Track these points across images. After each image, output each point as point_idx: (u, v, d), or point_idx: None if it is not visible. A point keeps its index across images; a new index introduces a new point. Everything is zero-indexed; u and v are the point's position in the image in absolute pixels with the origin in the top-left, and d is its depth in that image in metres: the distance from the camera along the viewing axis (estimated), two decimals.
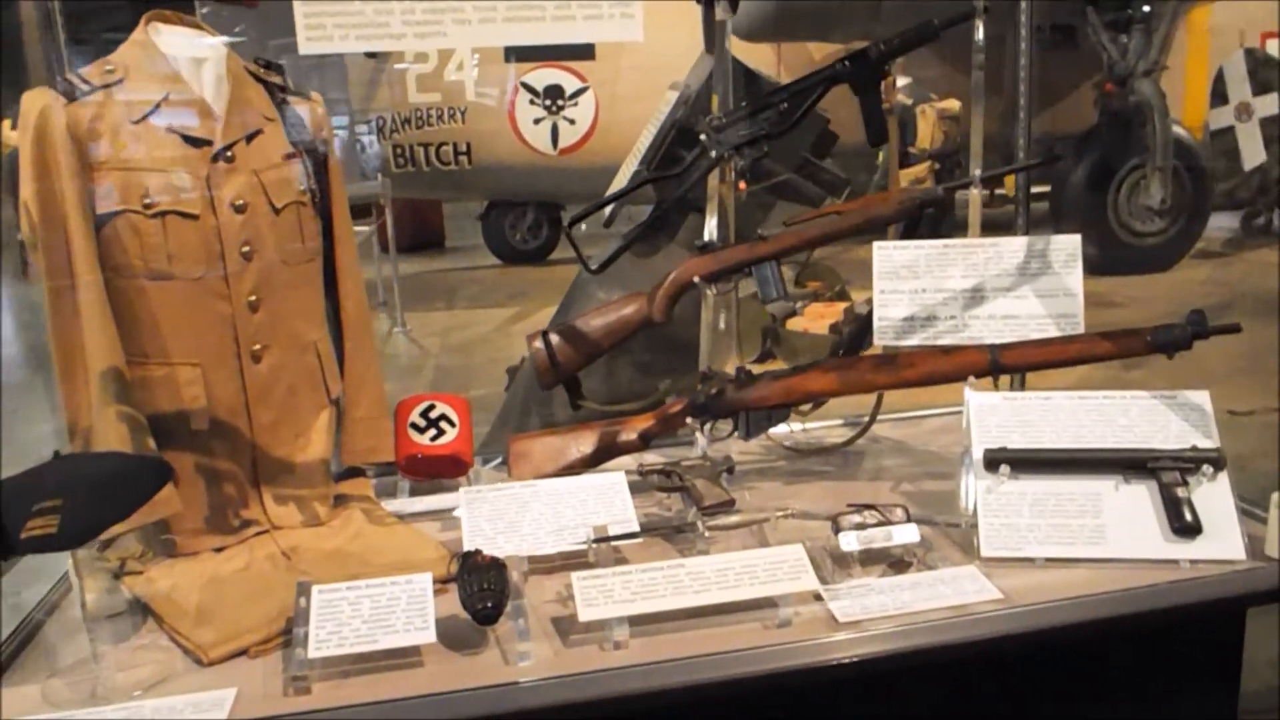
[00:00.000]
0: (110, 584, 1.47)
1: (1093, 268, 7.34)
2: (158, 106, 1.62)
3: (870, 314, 1.87)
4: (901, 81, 5.92)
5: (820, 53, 8.76)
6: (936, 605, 1.43)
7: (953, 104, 5.81)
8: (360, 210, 8.83)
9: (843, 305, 6.40)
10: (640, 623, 1.39)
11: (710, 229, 2.04)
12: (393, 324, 7.57)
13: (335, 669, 1.34)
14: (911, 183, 5.72)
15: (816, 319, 5.85)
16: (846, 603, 1.43)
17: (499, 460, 2.04)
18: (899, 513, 1.59)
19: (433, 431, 1.93)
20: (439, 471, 1.94)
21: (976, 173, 1.86)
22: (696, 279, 1.86)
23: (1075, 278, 1.79)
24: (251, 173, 1.68)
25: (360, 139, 8.72)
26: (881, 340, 1.85)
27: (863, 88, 1.94)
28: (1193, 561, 1.52)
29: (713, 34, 3.22)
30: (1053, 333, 1.78)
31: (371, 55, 8.79)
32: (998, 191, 12.49)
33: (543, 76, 9.24)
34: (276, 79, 1.80)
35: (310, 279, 1.80)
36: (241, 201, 1.66)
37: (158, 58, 1.65)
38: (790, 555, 1.45)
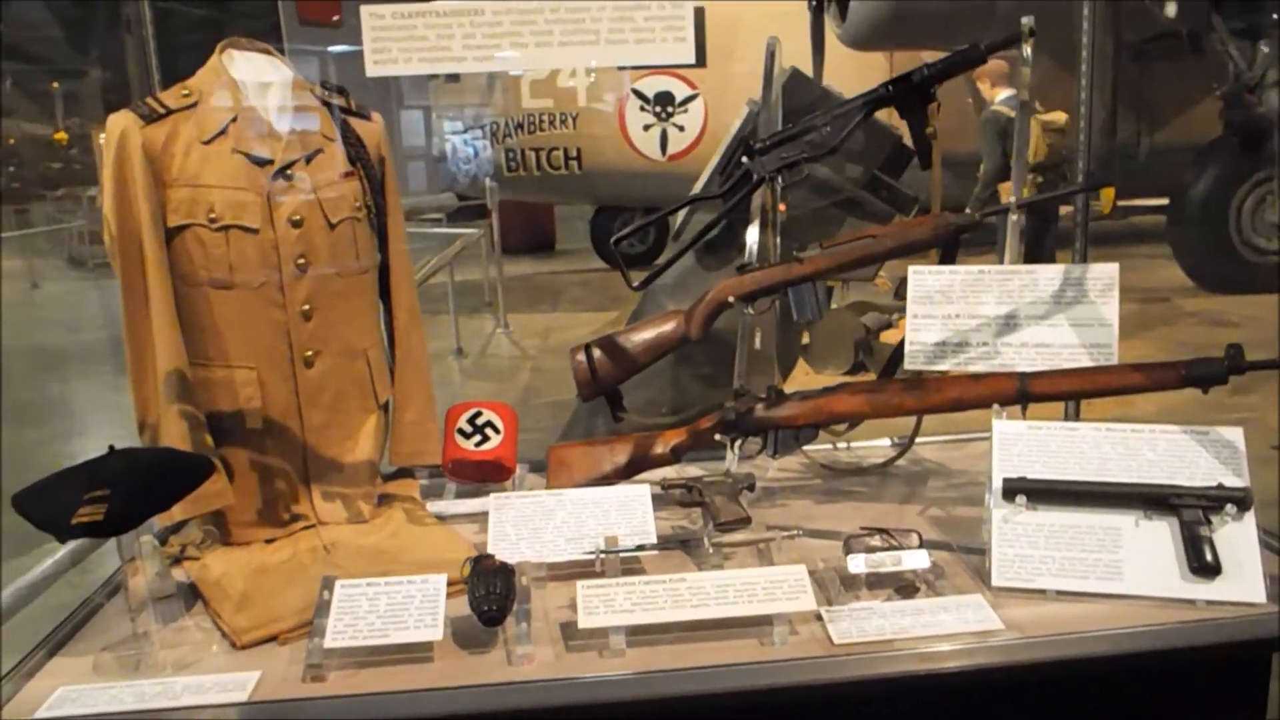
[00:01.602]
0: (162, 568, 1.59)
1: (1211, 285, 7.05)
2: (225, 129, 1.76)
3: None
4: (1005, 94, 5.79)
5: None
6: (935, 632, 1.44)
7: (1059, 116, 5.65)
8: (474, 213, 9.10)
9: None
10: (641, 633, 1.45)
11: (750, 249, 2.07)
12: (496, 324, 7.78)
13: (351, 659, 1.43)
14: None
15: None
16: (845, 624, 1.45)
17: None
18: (913, 537, 1.61)
19: (478, 437, 2.02)
20: (483, 476, 2.03)
21: (1012, 199, 1.85)
22: (732, 299, 1.90)
23: (1111, 307, 1.77)
24: (309, 190, 1.80)
25: (474, 144, 8.97)
26: (912, 364, 1.85)
27: (907, 111, 1.94)
28: (1209, 602, 1.49)
29: (820, 40, 3.23)
30: (1085, 362, 1.76)
31: (453, 78, 9.03)
32: (1120, 204, 12.07)
33: (653, 83, 9.34)
34: (340, 100, 1.92)
35: (364, 290, 1.92)
36: (298, 217, 1.77)
37: (229, 83, 1.79)
38: (791, 575, 1.48)
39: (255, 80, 1.80)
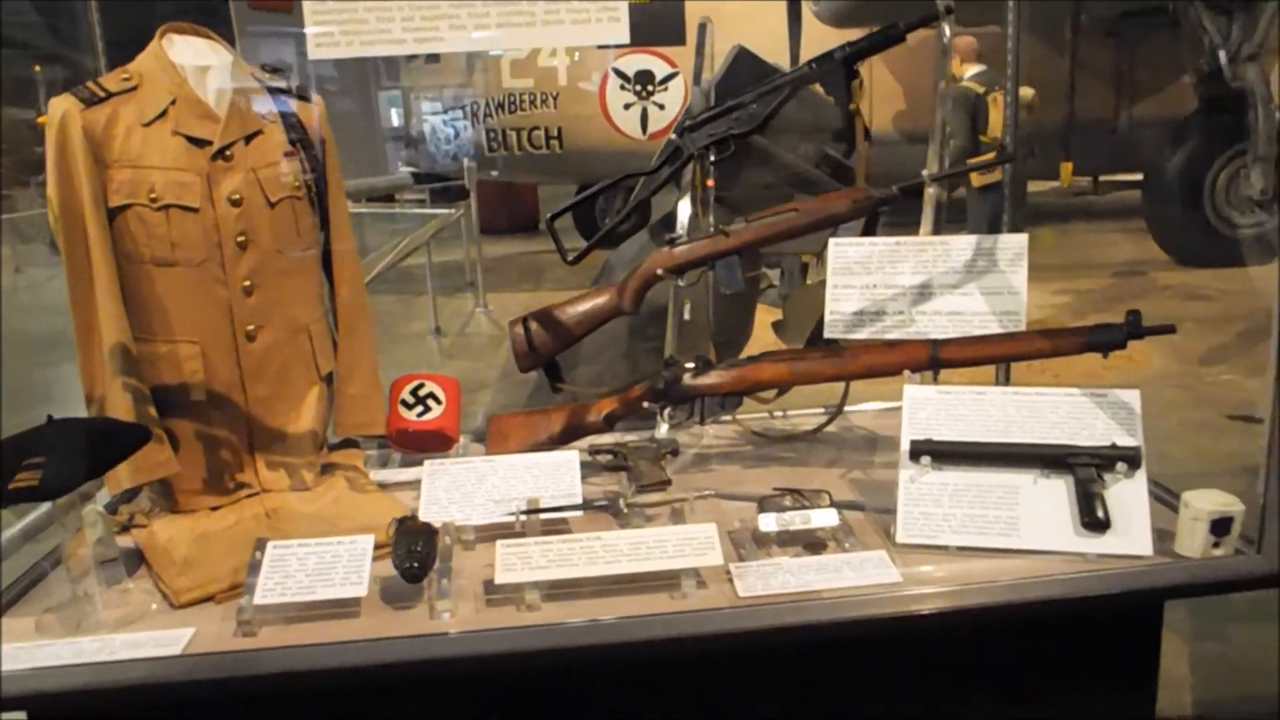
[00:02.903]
0: (105, 534, 1.67)
1: (1186, 259, 7.12)
2: (164, 111, 1.81)
3: None
4: (974, 70, 5.84)
5: (914, 37, 8.69)
6: (836, 586, 1.52)
7: (1025, 91, 5.70)
8: (456, 193, 9.14)
9: None
10: (560, 589, 1.52)
11: (681, 224, 2.14)
12: (476, 304, 7.84)
13: (283, 616, 1.51)
14: (981, 171, 5.65)
15: None
16: (751, 579, 1.53)
17: None
18: (824, 497, 1.69)
19: (420, 408, 2.09)
20: (426, 445, 2.11)
21: (926, 173, 1.92)
22: (661, 271, 1.97)
23: (1020, 276, 1.84)
24: (249, 170, 1.86)
25: (454, 125, 9.00)
26: (832, 333, 1.93)
27: (832, 88, 2.01)
28: (1100, 555, 1.57)
29: (797, 17, 3.28)
30: (995, 329, 1.84)
31: (433, 59, 9.05)
32: (1101, 179, 12.09)
33: (634, 62, 9.36)
34: (280, 83, 1.98)
35: (306, 266, 1.98)
36: (238, 196, 1.84)
37: (168, 67, 1.84)
38: (701, 533, 1.56)
39: (194, 64, 1.86)
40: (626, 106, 9.45)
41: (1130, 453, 1.61)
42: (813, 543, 1.65)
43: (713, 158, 2.07)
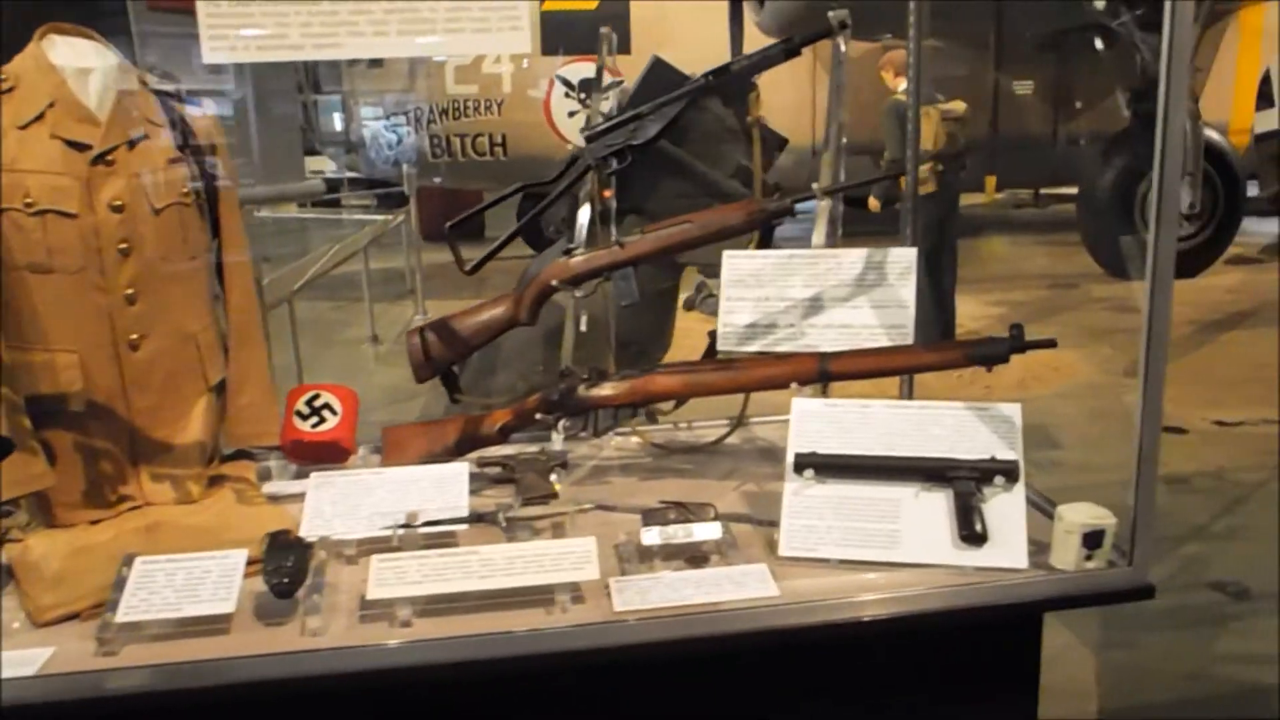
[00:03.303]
0: None
1: (1119, 271, 7.25)
2: (42, 114, 1.77)
3: None
4: (904, 84, 5.88)
5: (856, 50, 8.78)
6: (714, 599, 1.51)
7: (958, 105, 5.77)
8: (398, 199, 9.07)
9: None
10: (437, 604, 1.50)
11: (580, 232, 2.13)
12: (415, 311, 7.77)
13: (149, 634, 1.47)
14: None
15: None
16: (629, 594, 1.52)
17: None
18: (709, 510, 1.68)
19: (315, 419, 2.06)
20: (321, 457, 2.07)
21: (816, 186, 1.92)
22: (555, 282, 1.96)
23: (909, 290, 1.85)
24: (131, 175, 1.82)
25: (396, 130, 8.94)
26: (725, 345, 1.93)
27: (729, 101, 2.01)
28: (977, 568, 1.58)
29: (739, 32, 3.29)
30: (884, 343, 1.85)
31: (375, 63, 9.00)
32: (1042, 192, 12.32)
33: (578, 70, 9.37)
34: (168, 87, 1.94)
35: (194, 274, 1.94)
36: (119, 202, 1.79)
37: (47, 68, 1.80)
38: (579, 547, 1.55)
39: (76, 65, 1.82)
40: (571, 114, 9.44)
41: (1009, 466, 1.63)
42: (696, 556, 1.64)
43: (613, 167, 2.06)
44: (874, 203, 6.17)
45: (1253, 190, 9.07)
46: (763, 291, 1.92)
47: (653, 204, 2.51)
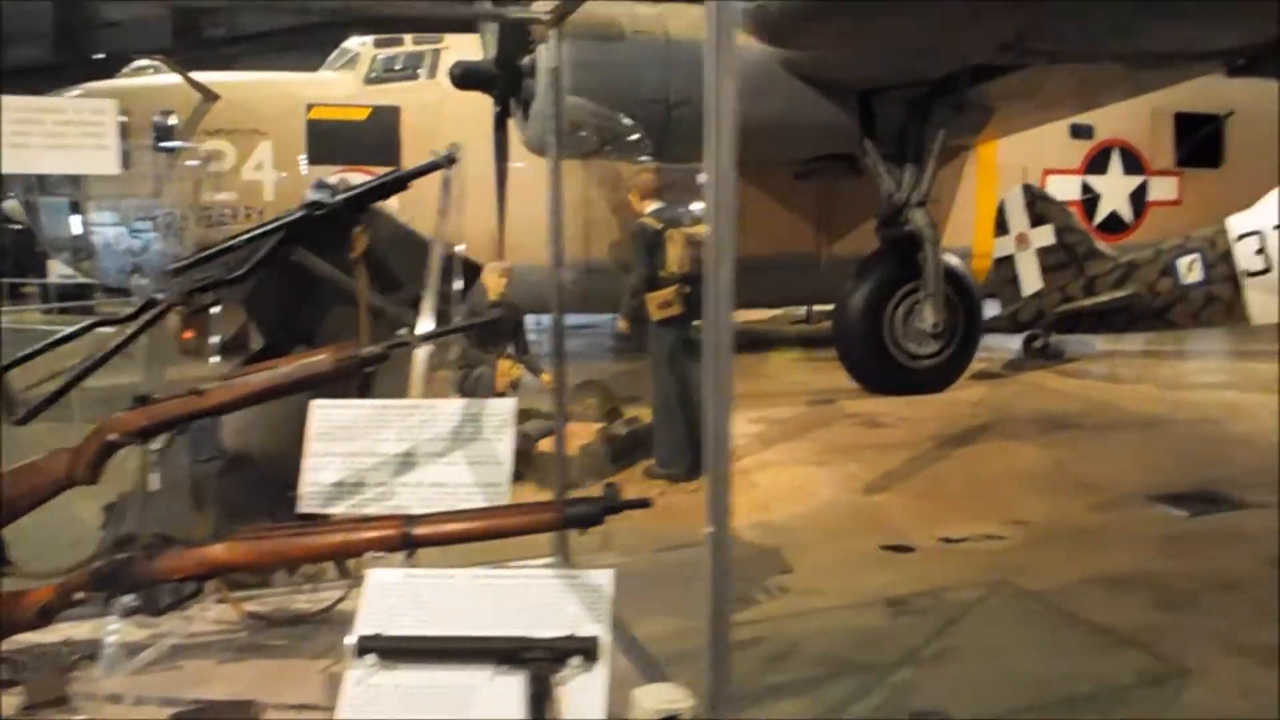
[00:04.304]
0: None
1: (871, 386, 7.48)
2: None
3: (630, 434, 1.75)
4: (653, 206, 5.98)
5: (615, 170, 8.98)
6: None
7: (702, 229, 5.88)
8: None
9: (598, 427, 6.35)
10: None
11: (150, 380, 1.89)
12: None
13: None
14: (659, 305, 5.74)
15: (572, 438, 5.73)
16: None
17: None
18: (250, 709, 1.45)
19: None
20: None
21: (403, 331, 1.78)
22: (115, 436, 1.71)
23: (505, 444, 1.71)
24: None
25: (139, 236, 8.41)
26: (309, 507, 1.72)
27: (329, 234, 1.85)
28: None
29: (503, 146, 3.17)
30: (479, 502, 1.69)
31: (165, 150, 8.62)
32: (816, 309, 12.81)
33: (344, 178, 9.15)
34: None
35: None
36: None
37: None
38: None
39: None
40: None
41: (586, 644, 1.47)
42: None
43: (201, 304, 1.85)
44: (623, 323, 6.17)
45: (995, 309, 9.70)
46: (354, 445, 1.73)
47: (324, 332, 2.31)
